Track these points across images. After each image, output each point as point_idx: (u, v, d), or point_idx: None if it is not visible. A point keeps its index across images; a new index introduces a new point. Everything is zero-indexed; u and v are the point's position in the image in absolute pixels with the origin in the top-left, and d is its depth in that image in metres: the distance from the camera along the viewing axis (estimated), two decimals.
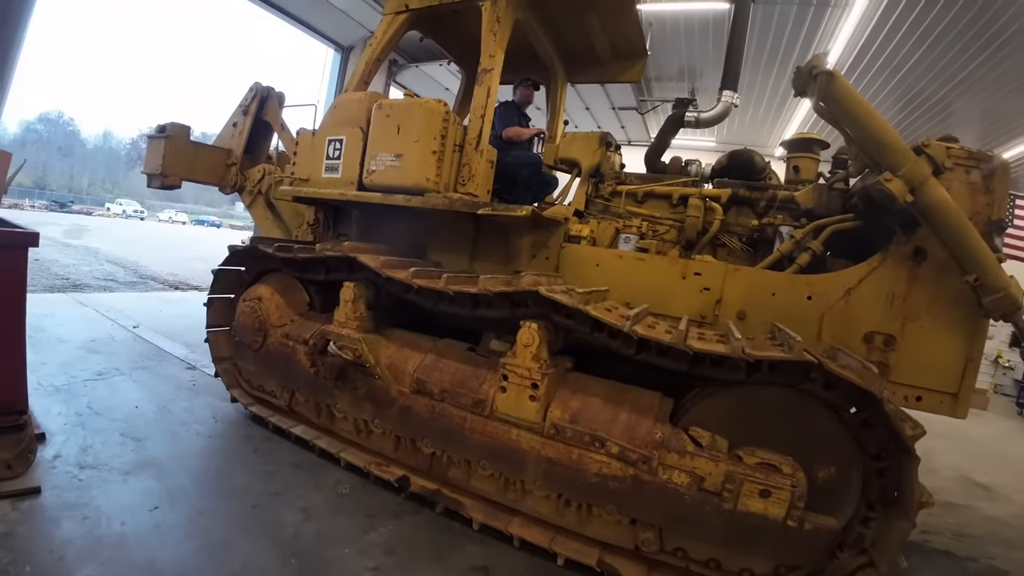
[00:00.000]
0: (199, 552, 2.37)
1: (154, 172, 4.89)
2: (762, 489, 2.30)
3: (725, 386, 2.54)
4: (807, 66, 2.67)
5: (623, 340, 2.54)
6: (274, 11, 10.13)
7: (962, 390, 2.83)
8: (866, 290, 2.95)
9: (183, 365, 5.00)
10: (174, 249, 18.90)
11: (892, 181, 2.59)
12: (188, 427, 3.61)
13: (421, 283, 2.93)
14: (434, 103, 3.51)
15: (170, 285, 10.13)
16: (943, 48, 7.83)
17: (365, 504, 3.00)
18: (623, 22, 4.22)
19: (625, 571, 2.58)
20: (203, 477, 3.04)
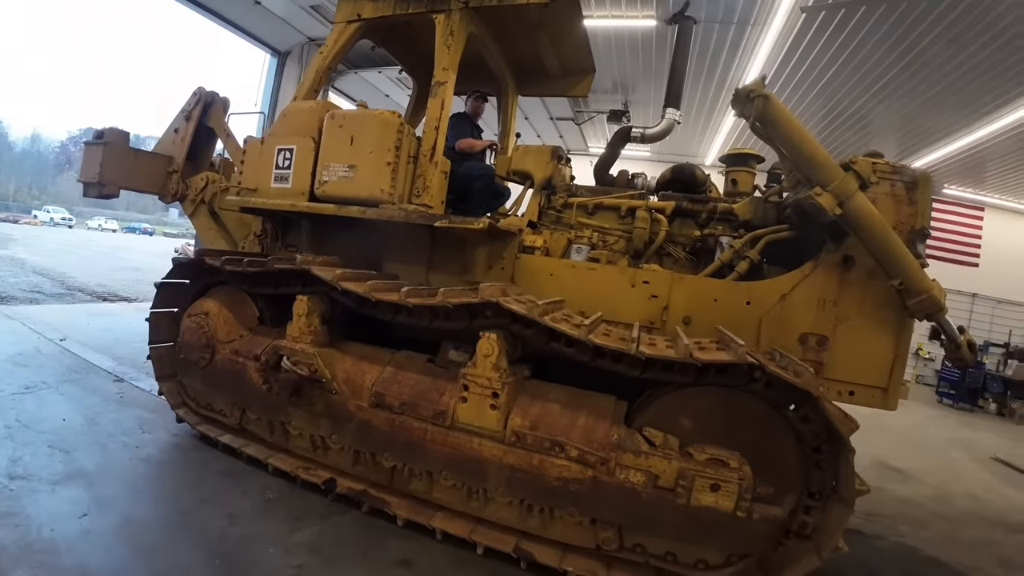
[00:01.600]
0: (127, 556, 2.43)
1: (91, 181, 4.59)
2: (712, 483, 2.44)
3: (676, 388, 2.66)
4: (744, 89, 2.85)
5: (579, 348, 2.61)
6: (210, 16, 9.88)
7: (891, 384, 3.09)
8: (800, 295, 3.17)
9: (111, 378, 4.88)
10: (103, 259, 18.01)
11: (822, 195, 2.81)
12: (115, 438, 3.59)
13: (380, 296, 2.90)
14: (388, 114, 3.50)
15: (98, 297, 9.75)
16: (860, 60, 8.38)
17: (292, 507, 3.05)
18: (571, 40, 4.35)
19: (539, 555, 2.69)
20: (131, 486, 3.04)
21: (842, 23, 7.52)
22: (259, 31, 10.42)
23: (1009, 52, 7.28)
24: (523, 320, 2.67)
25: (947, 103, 9.02)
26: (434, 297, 2.81)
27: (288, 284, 3.41)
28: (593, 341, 2.47)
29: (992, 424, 9.90)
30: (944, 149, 10.78)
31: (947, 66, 7.94)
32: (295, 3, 9.30)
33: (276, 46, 10.87)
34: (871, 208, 2.89)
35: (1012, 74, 7.78)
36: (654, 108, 11.65)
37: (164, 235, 47.37)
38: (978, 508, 5.03)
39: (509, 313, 2.66)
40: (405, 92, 12.09)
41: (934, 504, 4.89)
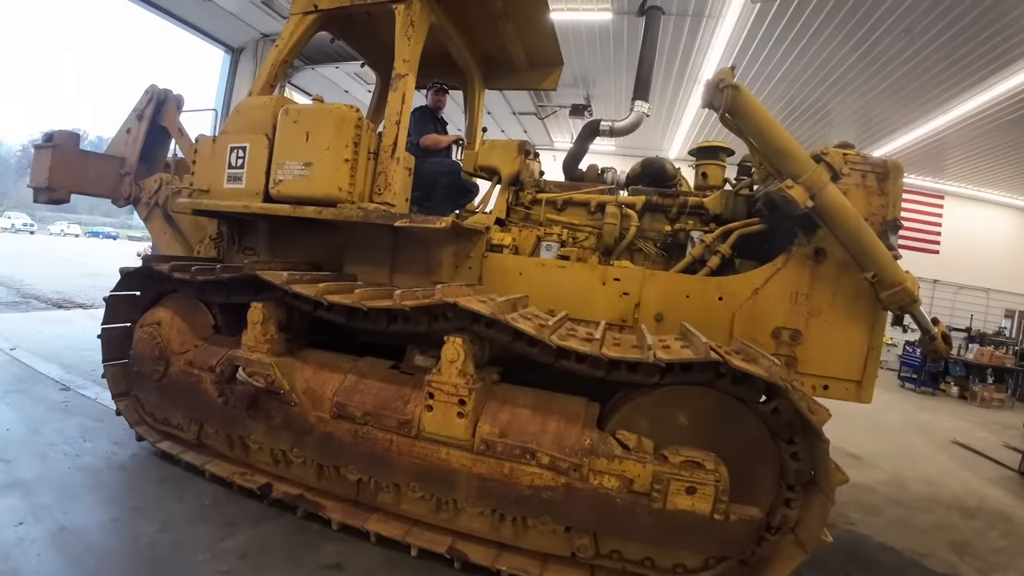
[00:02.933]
0: (58, 563, 2.46)
1: (40, 186, 4.32)
2: (688, 486, 2.34)
3: (646, 388, 2.56)
4: (714, 80, 2.76)
5: (543, 349, 2.49)
6: (161, 14, 9.65)
7: (866, 377, 3.05)
8: (772, 289, 3.11)
9: (57, 387, 4.80)
10: (63, 265, 17.42)
11: (793, 188, 2.74)
12: (57, 448, 3.55)
13: (333, 299, 2.73)
14: (345, 108, 3.31)
15: (54, 304, 9.50)
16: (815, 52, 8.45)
17: (226, 513, 3.01)
18: (537, 31, 4.22)
19: (472, 555, 2.63)
20: (67, 494, 3.03)
21: (796, 14, 7.54)
22: (211, 28, 10.19)
23: (960, 43, 7.40)
24: (485, 321, 2.53)
25: (903, 93, 9.16)
26: (389, 299, 2.64)
27: (241, 291, 3.20)
28: (555, 342, 2.34)
29: (953, 407, 10.02)
30: (903, 139, 10.98)
31: (900, 57, 8.04)
32: None
33: (229, 43, 10.66)
34: (843, 200, 2.83)
35: (964, 64, 7.91)
36: (615, 101, 11.66)
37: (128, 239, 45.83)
38: (933, 492, 5.03)
39: (470, 313, 2.51)
40: (365, 87, 11.94)
41: (888, 489, 4.89)
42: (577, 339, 2.46)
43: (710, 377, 2.40)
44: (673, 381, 2.46)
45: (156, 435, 3.54)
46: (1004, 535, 4.19)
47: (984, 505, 4.84)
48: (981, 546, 3.89)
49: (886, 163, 3.09)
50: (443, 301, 2.45)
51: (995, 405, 9.95)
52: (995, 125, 9.47)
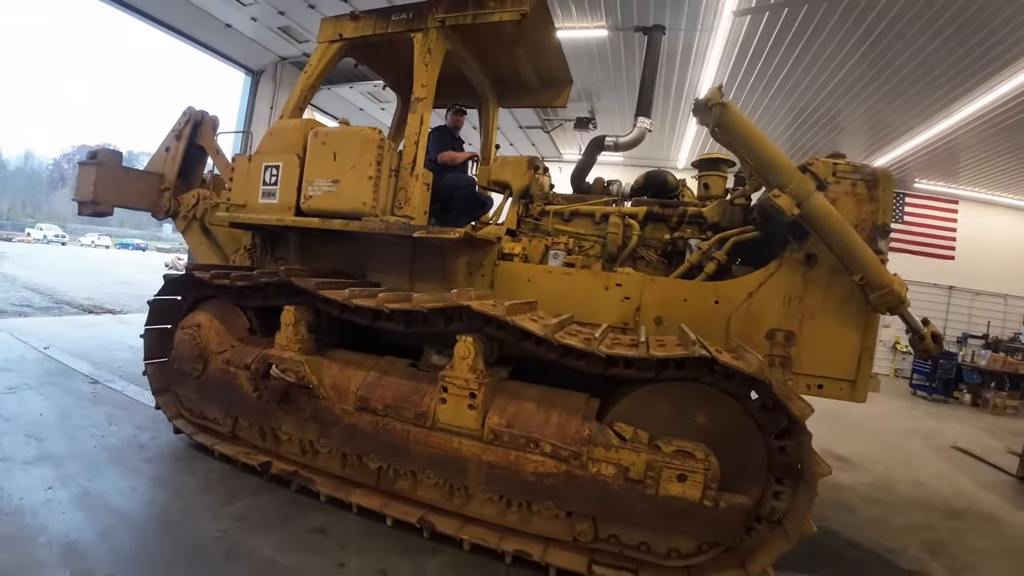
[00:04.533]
0: (80, 519, 2.82)
1: (85, 200, 4.71)
2: (679, 474, 2.52)
3: (642, 384, 2.76)
4: (703, 99, 2.98)
5: (547, 347, 2.71)
6: (185, 40, 10.30)
7: (859, 377, 3.18)
8: (766, 293, 3.28)
9: (87, 380, 5.18)
10: (93, 274, 18.15)
11: (781, 197, 2.92)
12: (85, 430, 3.92)
13: (358, 302, 3.00)
14: (369, 131, 3.61)
15: (84, 309, 10.02)
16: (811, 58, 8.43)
17: (230, 486, 3.36)
18: (546, 53, 4.48)
19: (441, 526, 2.90)
20: (92, 467, 3.38)
21: (786, 24, 7.63)
22: (232, 52, 10.83)
23: (955, 45, 7.40)
24: (495, 322, 2.77)
25: (905, 97, 9.12)
26: (409, 302, 2.90)
27: (275, 295, 3.50)
28: (558, 340, 2.57)
29: (964, 414, 9.74)
30: (910, 143, 10.88)
31: (897, 61, 8.05)
32: (264, 25, 9.64)
33: (249, 65, 11.25)
34: (829, 207, 2.99)
35: (962, 66, 7.88)
36: (619, 115, 11.84)
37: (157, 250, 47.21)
38: (921, 495, 4.94)
39: (480, 315, 2.76)
40: (378, 105, 12.46)
41: (871, 490, 4.81)
42: (578, 338, 2.68)
43: (702, 373, 2.59)
44: (668, 377, 2.65)
45: (192, 428, 3.87)
46: (986, 536, 4.13)
47: (972, 507, 4.75)
48: (958, 546, 3.85)
49: (875, 171, 3.25)
50: (457, 304, 2.70)
51: (1009, 412, 9.70)
52: (1004, 126, 9.36)
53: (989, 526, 4.35)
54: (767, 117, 10.88)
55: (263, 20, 9.52)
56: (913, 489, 5.09)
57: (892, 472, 5.50)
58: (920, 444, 7.14)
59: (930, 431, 8.08)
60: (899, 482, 5.23)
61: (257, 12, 9.30)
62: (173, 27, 9.98)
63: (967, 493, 5.17)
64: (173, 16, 9.68)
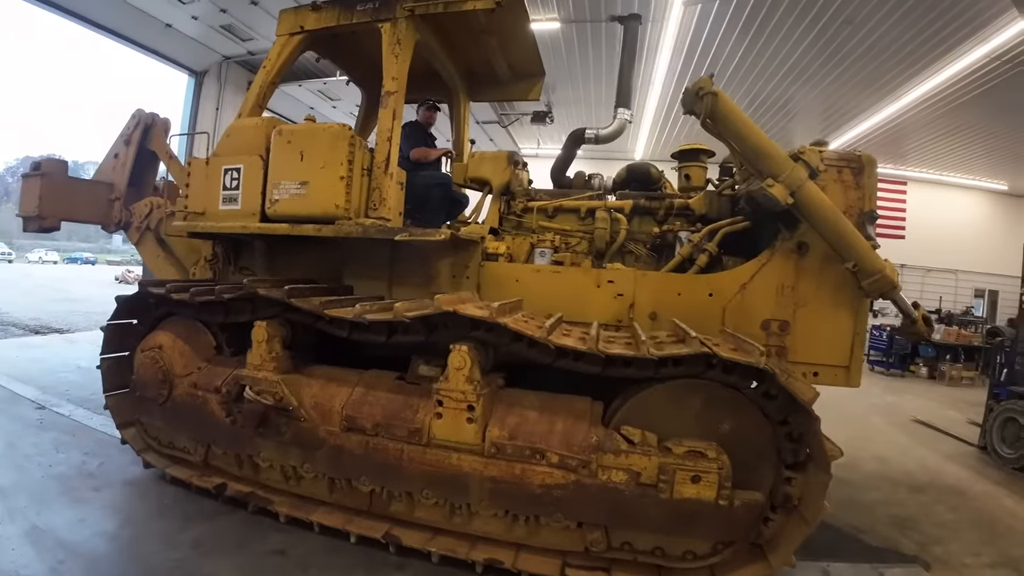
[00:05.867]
0: (31, 555, 2.67)
1: (30, 215, 4.25)
2: (693, 475, 2.41)
3: (646, 384, 2.63)
4: (694, 87, 2.86)
5: (541, 350, 2.53)
6: (124, 42, 9.71)
7: (853, 362, 3.17)
8: (759, 283, 3.21)
9: (33, 406, 4.97)
10: (40, 292, 17.24)
11: (774, 186, 2.84)
12: (32, 460, 3.72)
13: (333, 313, 2.74)
14: (338, 127, 3.34)
15: (31, 330, 9.56)
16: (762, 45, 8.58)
17: (184, 510, 3.19)
18: (519, 44, 4.27)
19: (406, 539, 2.76)
20: (40, 499, 3.20)
21: (736, 12, 7.69)
22: (173, 53, 10.28)
23: (903, 30, 7.64)
24: (485, 326, 2.56)
25: (855, 81, 9.35)
26: (389, 311, 2.66)
27: (242, 310, 3.19)
28: (553, 342, 2.40)
29: (921, 388, 10.02)
30: (862, 126, 11.24)
31: (847, 45, 8.24)
32: (206, 24, 9.19)
33: (192, 66, 10.70)
34: (821, 195, 2.95)
35: (910, 49, 8.15)
36: (576, 107, 11.84)
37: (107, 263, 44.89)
38: (884, 470, 4.97)
39: (470, 321, 2.55)
40: (329, 103, 12.01)
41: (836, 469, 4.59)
42: (573, 338, 2.51)
43: (703, 369, 2.48)
44: (669, 375, 2.53)
45: (164, 461, 3.51)
46: (952, 509, 4.16)
47: (936, 481, 4.81)
48: (926, 520, 3.87)
49: (860, 157, 3.22)
50: (443, 310, 2.48)
51: (965, 383, 10.18)
52: (948, 108, 9.78)
53: (955, 498, 4.44)
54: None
55: (204, 19, 9.04)
56: (878, 465, 5.14)
57: (856, 449, 5.44)
58: (881, 419, 7.25)
59: (890, 406, 8.25)
60: (863, 459, 5.25)
61: (198, 11, 8.82)
62: (110, 29, 9.37)
63: (931, 466, 5.28)
64: (109, 18, 9.06)
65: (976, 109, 9.72)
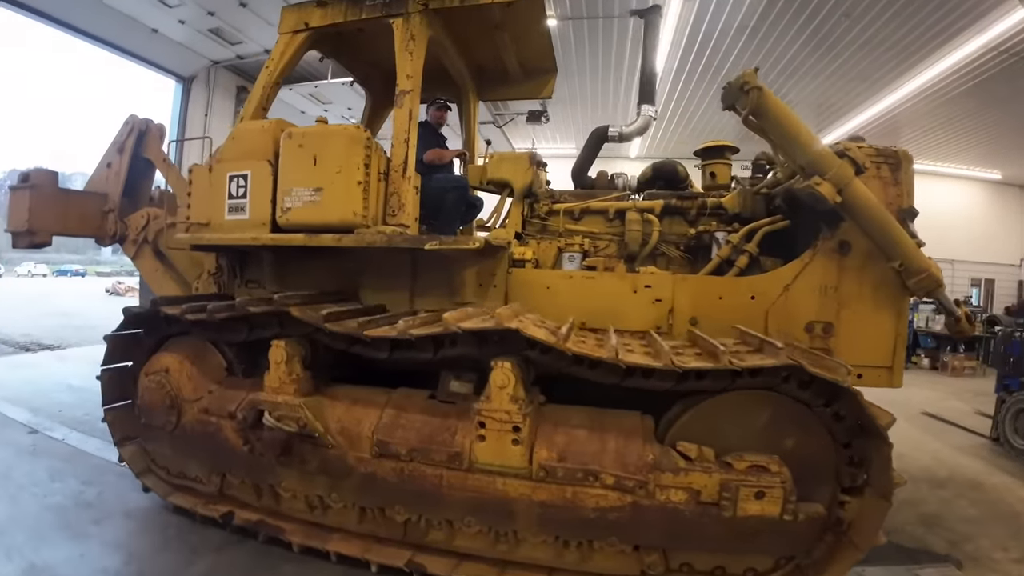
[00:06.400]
0: None
1: (20, 229, 3.93)
2: (757, 491, 2.25)
3: (704, 396, 2.45)
4: (738, 81, 2.68)
5: (606, 369, 2.33)
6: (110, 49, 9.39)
7: (895, 363, 3.03)
8: (802, 284, 3.05)
9: (25, 430, 4.73)
10: (30, 307, 16.95)
11: (822, 184, 2.68)
12: (26, 490, 3.53)
13: (374, 334, 2.50)
14: (353, 129, 3.10)
15: (21, 347, 9.27)
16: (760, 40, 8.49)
17: (190, 542, 3.01)
18: (533, 40, 4.06)
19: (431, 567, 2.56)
20: (37, 534, 3.02)
21: (735, 7, 7.57)
22: (161, 59, 9.94)
23: (901, 22, 7.59)
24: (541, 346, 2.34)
25: (852, 75, 9.29)
26: (438, 325, 2.42)
27: (262, 327, 2.92)
28: (625, 362, 2.19)
29: (925, 379, 9.96)
30: (857, 119, 11.18)
31: (845, 39, 8.18)
32: (193, 28, 8.87)
33: (180, 72, 10.36)
34: (868, 193, 2.82)
35: (907, 42, 8.11)
36: (571, 106, 11.66)
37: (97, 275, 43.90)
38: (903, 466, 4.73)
39: (529, 340, 2.32)
40: (320, 107, 11.67)
41: None
42: (640, 354, 2.31)
43: (779, 382, 2.30)
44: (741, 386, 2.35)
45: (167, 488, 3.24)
46: (973, 504, 4.09)
47: (955, 475, 4.73)
48: (951, 516, 3.80)
49: (897, 153, 3.09)
50: (503, 326, 2.25)
51: (967, 373, 10.15)
52: (944, 99, 9.76)
53: (974, 492, 4.37)
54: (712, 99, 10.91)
55: (192, 22, 8.70)
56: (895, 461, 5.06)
57: None
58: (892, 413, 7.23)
59: (898, 398, 8.16)
60: None
61: (185, 14, 8.48)
62: (95, 36, 9.00)
63: (947, 460, 5.20)
64: (94, 24, 8.69)
65: (970, 100, 9.72)
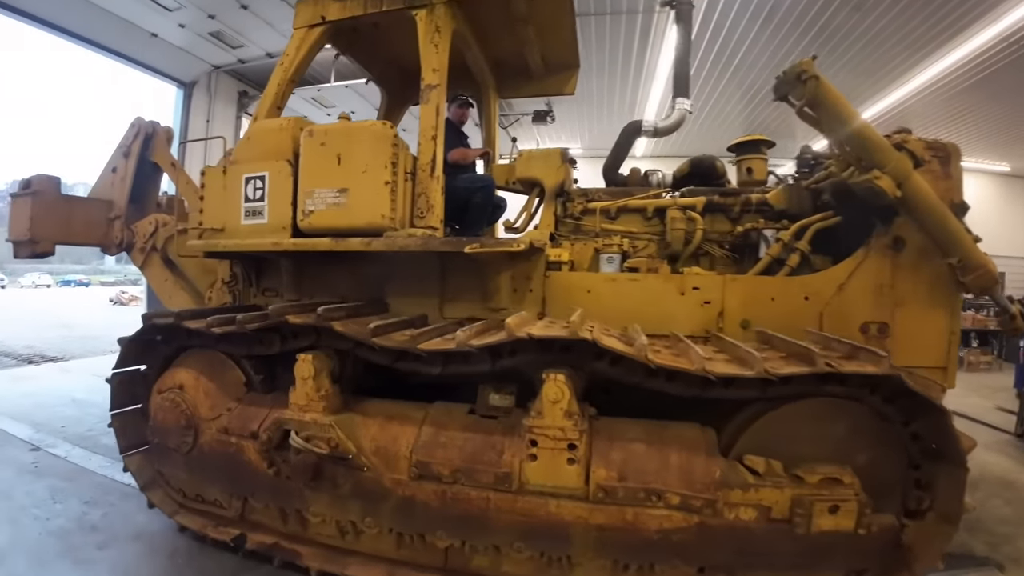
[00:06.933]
0: None
1: (22, 239, 3.69)
2: (831, 505, 2.08)
3: (775, 404, 2.24)
4: (794, 70, 2.49)
5: (685, 381, 2.12)
6: (108, 54, 9.10)
7: (949, 363, 2.85)
8: (856, 284, 2.86)
9: (27, 447, 4.53)
10: (33, 318, 16.72)
11: (882, 178, 2.51)
12: (27, 512, 3.37)
13: (428, 347, 2.27)
14: (380, 125, 2.89)
15: (24, 360, 9.02)
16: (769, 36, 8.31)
17: (201, 567, 2.82)
18: (558, 33, 3.86)
19: None
20: (39, 560, 2.86)
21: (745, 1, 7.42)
22: (160, 64, 9.65)
23: (912, 14, 7.41)
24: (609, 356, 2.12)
25: (860, 68, 9.09)
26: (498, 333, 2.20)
27: (293, 339, 2.69)
28: (715, 372, 1.98)
29: None
30: (865, 114, 11.06)
31: (855, 33, 7.98)
32: (193, 32, 8.62)
33: (180, 77, 10.06)
34: (927, 188, 2.64)
35: (918, 34, 7.94)
36: (578, 105, 11.45)
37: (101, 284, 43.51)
38: None
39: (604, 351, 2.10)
40: (323, 111, 11.42)
41: None
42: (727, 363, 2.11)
43: (865, 393, 2.13)
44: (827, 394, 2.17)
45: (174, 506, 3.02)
46: (1008, 503, 3.98)
47: (984, 473, 4.58)
48: (988, 518, 3.68)
49: (946, 146, 2.93)
50: (578, 336, 2.03)
51: (983, 368, 9.95)
52: (954, 92, 9.57)
53: (1007, 491, 4.24)
54: (725, 97, 10.75)
55: (192, 26, 8.45)
56: None
57: None
58: None
59: None
60: None
61: (184, 18, 8.23)
62: (94, 41, 8.73)
63: (974, 458, 4.98)
64: (92, 29, 8.42)
65: (980, 92, 9.54)
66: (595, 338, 1.99)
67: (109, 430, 3.18)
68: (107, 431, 3.28)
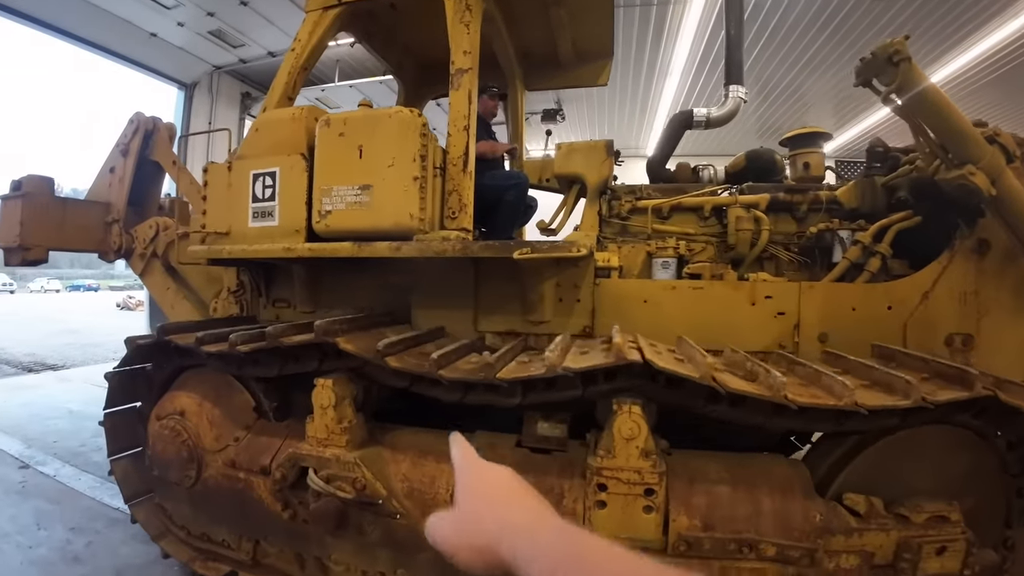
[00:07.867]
0: None
1: (11, 244, 3.32)
2: (939, 547, 1.76)
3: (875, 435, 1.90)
4: (883, 51, 2.12)
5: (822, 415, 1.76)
6: (107, 55, 8.73)
7: None
8: (941, 291, 2.49)
9: (16, 464, 4.34)
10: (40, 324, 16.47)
11: (976, 175, 2.16)
12: (10, 539, 3.22)
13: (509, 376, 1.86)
14: (407, 112, 2.47)
15: (24, 368, 8.74)
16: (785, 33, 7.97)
17: None
18: (593, 17, 3.46)
19: None
20: None
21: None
22: (160, 65, 9.26)
23: (933, 7, 7.08)
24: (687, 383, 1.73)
25: None
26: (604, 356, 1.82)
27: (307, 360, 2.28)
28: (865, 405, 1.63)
29: None
30: (876, 116, 10.67)
31: (873, 28, 7.62)
32: (193, 31, 8.25)
33: (181, 78, 9.67)
34: (1018, 184, 2.27)
35: (938, 28, 7.56)
36: (587, 103, 11.03)
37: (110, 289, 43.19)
38: None
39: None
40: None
41: None
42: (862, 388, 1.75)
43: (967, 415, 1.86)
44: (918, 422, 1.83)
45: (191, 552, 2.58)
46: None
47: None
48: None
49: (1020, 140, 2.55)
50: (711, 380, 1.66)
51: None
52: (974, 88, 9.17)
53: None
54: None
55: (191, 25, 8.08)
56: None
57: None
58: None
59: None
60: None
61: (183, 16, 7.86)
62: (91, 42, 8.36)
63: None
64: (89, 30, 8.05)
65: (994, 91, 9.21)
66: (721, 381, 1.61)
67: (101, 446, 2.87)
68: (99, 447, 3.01)
